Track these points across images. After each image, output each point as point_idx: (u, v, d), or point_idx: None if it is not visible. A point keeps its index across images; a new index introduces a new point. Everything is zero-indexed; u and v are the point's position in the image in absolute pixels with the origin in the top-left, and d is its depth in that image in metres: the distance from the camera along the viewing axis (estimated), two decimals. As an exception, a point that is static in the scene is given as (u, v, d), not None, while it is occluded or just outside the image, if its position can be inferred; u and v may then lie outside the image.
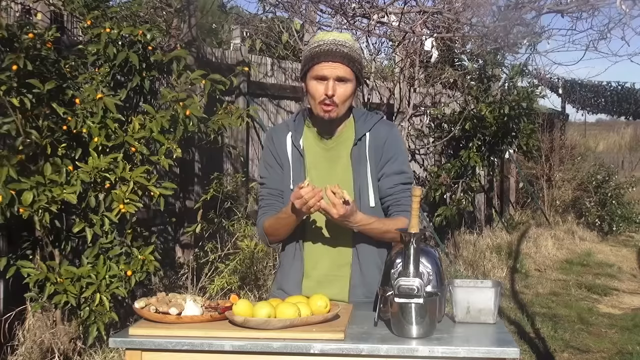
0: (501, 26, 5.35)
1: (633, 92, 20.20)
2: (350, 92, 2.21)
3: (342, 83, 2.19)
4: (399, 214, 2.25)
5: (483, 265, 7.24)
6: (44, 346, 3.83)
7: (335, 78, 2.17)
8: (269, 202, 2.34)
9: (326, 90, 2.17)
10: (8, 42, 3.53)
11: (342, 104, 2.21)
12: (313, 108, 2.25)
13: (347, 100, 2.22)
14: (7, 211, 3.34)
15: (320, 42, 2.20)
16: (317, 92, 2.20)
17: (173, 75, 4.06)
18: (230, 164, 5.68)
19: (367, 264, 2.28)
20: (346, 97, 2.21)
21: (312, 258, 2.29)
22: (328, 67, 2.17)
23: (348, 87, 2.20)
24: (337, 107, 2.20)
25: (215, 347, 1.81)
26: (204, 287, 4.66)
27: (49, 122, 3.60)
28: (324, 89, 2.18)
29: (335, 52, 2.17)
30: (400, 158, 2.31)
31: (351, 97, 2.24)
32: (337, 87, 2.18)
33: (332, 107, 2.19)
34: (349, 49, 2.19)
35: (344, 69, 2.17)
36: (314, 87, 2.20)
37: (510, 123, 7.95)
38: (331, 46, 2.17)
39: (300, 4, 5.60)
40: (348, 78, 2.19)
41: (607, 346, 5.16)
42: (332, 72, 2.17)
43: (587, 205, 10.65)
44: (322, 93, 2.18)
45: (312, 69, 2.20)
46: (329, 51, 2.17)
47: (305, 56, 2.25)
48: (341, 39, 2.21)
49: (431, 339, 1.84)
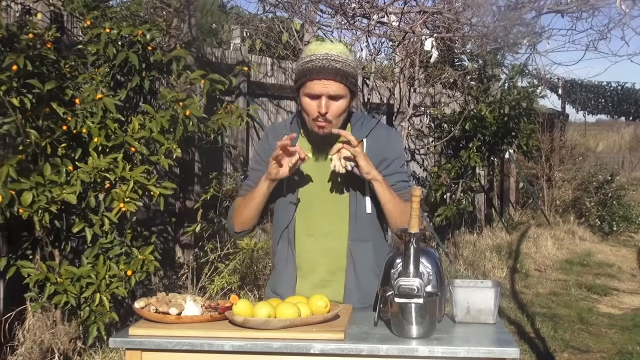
0: (501, 26, 5.35)
1: (633, 92, 20.22)
2: (343, 107, 2.18)
3: (335, 100, 2.15)
4: None
5: (483, 265, 7.23)
6: (44, 346, 3.83)
7: (328, 96, 2.14)
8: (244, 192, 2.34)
9: (319, 109, 2.14)
10: (8, 42, 3.53)
11: (336, 119, 2.18)
12: (307, 124, 2.22)
13: (341, 115, 2.19)
14: (7, 211, 3.34)
15: (312, 56, 2.16)
16: (310, 109, 2.17)
17: (173, 75, 4.06)
18: (230, 163, 5.68)
19: (363, 269, 2.26)
20: (340, 112, 2.18)
21: (305, 262, 2.27)
22: (320, 85, 2.13)
23: (341, 103, 2.17)
24: (331, 123, 2.17)
25: (215, 347, 1.81)
26: (204, 287, 4.66)
27: (49, 122, 3.60)
28: (316, 107, 2.15)
29: (328, 69, 2.12)
30: (400, 161, 2.32)
31: (345, 111, 2.21)
32: (330, 104, 2.15)
33: (325, 124, 2.16)
34: (342, 63, 2.15)
35: (337, 86, 2.14)
36: (307, 104, 2.17)
37: (510, 123, 7.95)
38: (323, 62, 2.13)
39: (300, 4, 5.60)
40: (341, 94, 2.16)
41: (607, 346, 5.16)
42: (324, 90, 2.13)
43: (587, 206, 10.64)
44: (315, 111, 2.15)
45: (304, 85, 2.16)
46: (321, 68, 2.12)
47: (297, 70, 2.21)
48: (334, 52, 2.16)
49: (431, 339, 1.84)
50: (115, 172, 3.65)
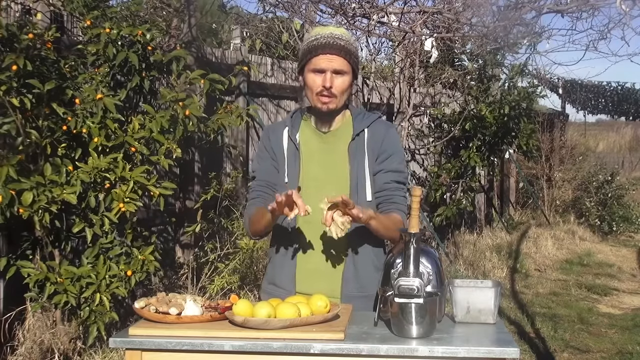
0: (501, 26, 5.35)
1: (633, 92, 20.22)
2: (347, 84, 2.26)
3: (339, 75, 2.23)
4: (391, 211, 2.25)
5: (483, 265, 7.23)
6: (44, 346, 3.83)
7: (333, 70, 2.21)
8: (259, 192, 2.36)
9: (324, 82, 2.21)
10: (8, 42, 3.53)
11: (340, 96, 2.25)
12: (311, 101, 2.28)
13: (344, 92, 2.26)
14: (7, 211, 3.34)
15: (318, 35, 2.24)
16: (314, 84, 2.24)
17: (173, 75, 4.06)
18: (230, 163, 5.68)
19: (361, 259, 2.27)
20: (344, 89, 2.25)
21: (304, 250, 2.28)
22: (325, 60, 2.21)
23: (345, 79, 2.24)
24: (336, 98, 2.24)
25: (215, 347, 1.80)
26: (204, 287, 4.66)
27: (49, 122, 3.60)
28: (321, 81, 2.22)
29: (333, 45, 2.20)
30: (398, 157, 2.33)
31: (349, 89, 2.28)
32: (334, 79, 2.22)
33: (330, 98, 2.23)
34: (346, 42, 2.23)
35: (341, 61, 2.21)
36: (312, 80, 2.24)
37: (510, 123, 7.95)
38: (328, 39, 2.21)
39: (300, 4, 5.61)
40: (345, 70, 2.23)
41: (607, 346, 5.16)
42: (330, 65, 2.21)
43: (587, 206, 10.64)
44: (320, 85, 2.22)
45: (309, 62, 2.23)
46: (326, 44, 2.21)
47: (302, 50, 2.29)
48: (338, 32, 2.25)
49: (431, 339, 1.84)
50: (115, 172, 3.65)
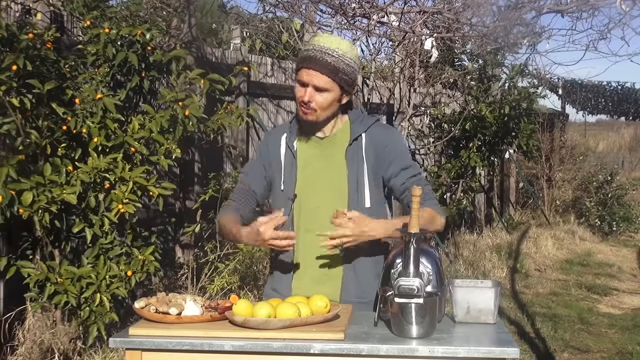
0: (501, 26, 5.35)
1: (633, 92, 20.19)
2: (329, 101, 2.23)
3: (320, 92, 2.21)
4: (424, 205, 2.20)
5: (483, 265, 7.23)
6: (44, 346, 3.83)
7: (313, 86, 2.20)
8: (236, 197, 2.38)
9: (302, 97, 2.22)
10: (8, 42, 3.53)
11: (321, 111, 2.24)
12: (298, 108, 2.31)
13: (327, 108, 2.24)
14: (7, 211, 3.34)
15: (311, 46, 2.23)
16: (297, 95, 2.25)
17: (172, 75, 4.06)
18: (230, 164, 5.67)
19: (361, 264, 2.27)
20: (324, 105, 2.23)
21: (304, 257, 2.28)
22: (306, 74, 2.21)
23: (327, 96, 2.22)
24: (316, 112, 2.23)
25: (215, 347, 1.81)
26: (204, 287, 4.66)
27: (49, 122, 3.60)
28: (301, 94, 2.22)
29: (317, 61, 2.18)
30: (404, 156, 2.32)
31: (332, 105, 2.25)
32: (315, 95, 2.21)
33: (309, 111, 2.23)
34: (335, 59, 2.19)
35: (322, 79, 2.19)
36: (297, 90, 2.26)
37: (511, 123, 7.94)
38: (317, 53, 2.19)
39: (300, 4, 5.60)
40: (326, 88, 2.20)
41: (607, 346, 5.16)
42: (309, 80, 2.20)
43: (587, 206, 10.64)
44: (299, 98, 2.23)
45: (297, 71, 2.25)
46: (312, 58, 2.19)
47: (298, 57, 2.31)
48: (332, 46, 2.20)
49: (431, 339, 1.84)
50: (115, 172, 3.65)
